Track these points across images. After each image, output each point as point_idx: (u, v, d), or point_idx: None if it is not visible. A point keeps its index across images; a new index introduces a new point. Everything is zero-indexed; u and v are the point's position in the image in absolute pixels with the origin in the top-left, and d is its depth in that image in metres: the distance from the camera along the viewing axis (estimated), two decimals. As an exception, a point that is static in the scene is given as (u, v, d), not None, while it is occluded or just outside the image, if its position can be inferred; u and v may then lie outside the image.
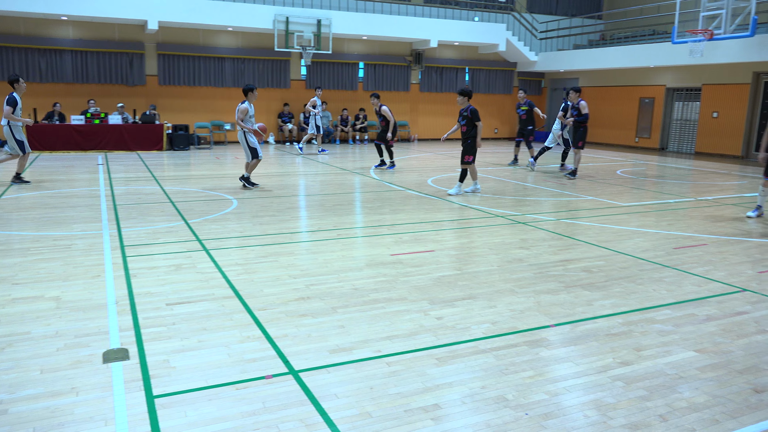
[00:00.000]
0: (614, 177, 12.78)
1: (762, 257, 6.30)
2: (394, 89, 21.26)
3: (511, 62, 23.01)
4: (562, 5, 23.77)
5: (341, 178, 11.95)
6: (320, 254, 6.10)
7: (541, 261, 5.97)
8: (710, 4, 14.00)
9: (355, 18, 18.92)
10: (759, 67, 16.54)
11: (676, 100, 19.56)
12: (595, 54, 20.31)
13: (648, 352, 3.84)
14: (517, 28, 22.60)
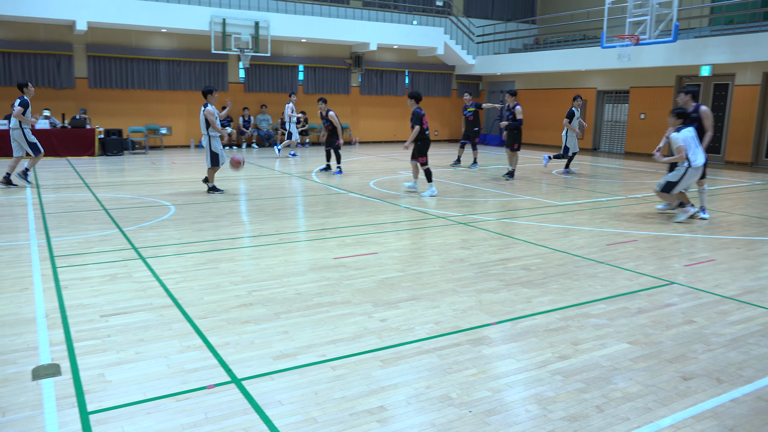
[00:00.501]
0: (550, 177, 13.18)
1: (687, 251, 6.64)
2: (334, 92, 21.22)
3: (450, 65, 23.38)
4: (497, 10, 24.36)
5: (283, 182, 11.82)
6: (262, 259, 6.02)
7: (482, 260, 6.09)
8: (636, 10, 14.65)
9: (293, 20, 18.78)
10: (681, 71, 17.43)
11: (607, 102, 20.37)
12: (529, 58, 20.91)
13: (585, 346, 3.97)
14: (455, 32, 23.00)
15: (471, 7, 23.79)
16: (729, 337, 4.15)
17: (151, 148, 18.41)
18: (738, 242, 7.10)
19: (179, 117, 19.03)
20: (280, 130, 20.09)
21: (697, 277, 5.60)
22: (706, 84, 17.18)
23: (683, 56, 16.01)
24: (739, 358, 3.81)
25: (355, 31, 19.73)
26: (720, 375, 3.58)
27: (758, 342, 4.08)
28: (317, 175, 12.80)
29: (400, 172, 13.62)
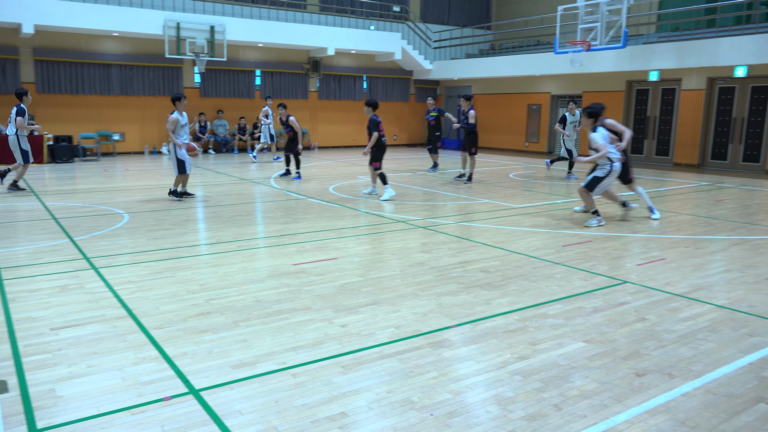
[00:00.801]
0: (507, 180, 13.39)
1: (639, 251, 6.84)
2: (292, 97, 21.08)
3: (408, 70, 23.54)
4: (453, 16, 24.65)
5: (240, 187, 11.67)
6: (220, 267, 5.92)
7: (442, 264, 6.14)
8: (587, 17, 15.06)
9: (250, 25, 18.60)
10: (631, 76, 17.98)
11: (561, 106, 20.82)
12: (485, 63, 21.23)
13: (542, 346, 4.04)
14: (412, 37, 23.17)
15: (427, 12, 24.02)
16: (679, 333, 4.29)
17: (103, 155, 17.93)
18: (687, 241, 7.35)
19: (132, 123, 18.59)
20: (237, 136, 19.85)
21: (649, 276, 5.76)
22: (654, 88, 17.77)
23: (632, 62, 16.52)
24: (689, 354, 3.94)
25: (313, 36, 19.68)
26: (671, 370, 3.69)
27: (707, 337, 4.23)
28: (276, 181, 12.69)
29: (359, 176, 13.62)
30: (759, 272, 5.94)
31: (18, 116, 10.34)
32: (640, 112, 18.27)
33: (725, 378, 3.59)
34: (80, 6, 15.90)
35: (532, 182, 13.22)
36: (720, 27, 16.42)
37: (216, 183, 12.29)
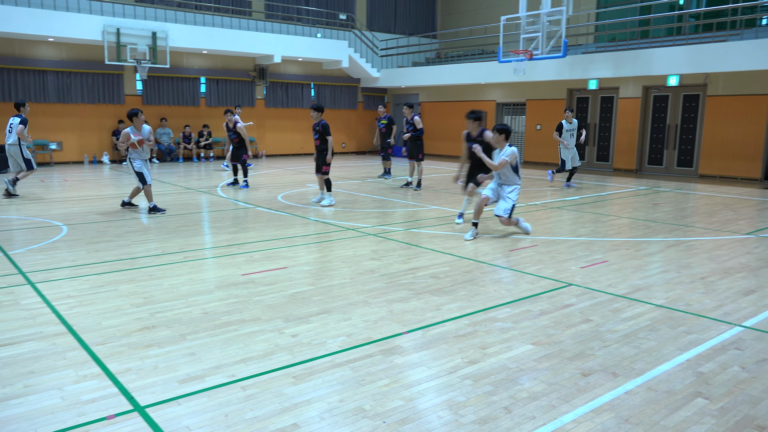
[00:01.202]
0: (456, 187, 13.54)
1: (583, 254, 7.04)
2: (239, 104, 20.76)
3: (355, 78, 23.60)
4: (399, 24, 24.90)
5: (186, 197, 11.41)
6: (165, 279, 5.77)
7: (392, 270, 6.16)
8: (529, 27, 15.47)
9: (194, 31, 18.26)
10: (571, 85, 18.57)
11: (506, 113, 21.30)
12: (431, 71, 21.51)
13: (492, 349, 4.11)
14: (359, 45, 23.26)
15: (374, 21, 24.18)
16: (622, 333, 4.44)
17: (40, 165, 17.20)
18: (627, 243, 7.62)
19: (71, 131, 17.93)
20: (182, 144, 19.42)
21: (592, 278, 5.95)
22: (593, 96, 18.40)
23: (572, 71, 17.07)
24: (632, 352, 4.08)
25: (259, 43, 19.49)
26: (615, 369, 3.81)
27: (647, 336, 4.39)
28: (223, 190, 12.47)
29: (308, 185, 13.54)
30: (694, 272, 6.22)
31: (21, 125, 10.87)
32: (581, 119, 18.87)
33: (665, 375, 3.73)
34: (13, 10, 15.25)
35: (479, 189, 13.43)
36: (653, 38, 17.18)
37: (160, 193, 11.96)
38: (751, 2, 15.61)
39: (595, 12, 19.23)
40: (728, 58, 14.05)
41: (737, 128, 15.31)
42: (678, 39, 16.12)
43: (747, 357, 4.02)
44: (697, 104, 16.22)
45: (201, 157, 19.89)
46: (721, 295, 5.43)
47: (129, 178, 14.43)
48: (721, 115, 15.55)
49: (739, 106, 15.23)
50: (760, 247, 7.47)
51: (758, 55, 13.55)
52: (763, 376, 3.72)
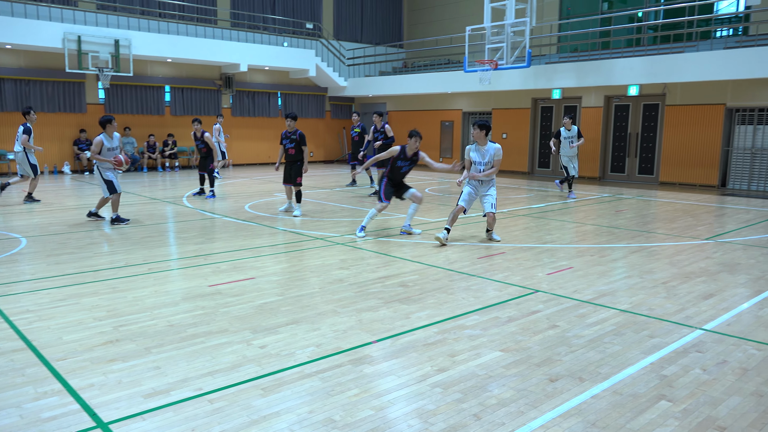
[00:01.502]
0: (423, 195, 13.63)
1: (549, 261, 7.15)
2: (204, 113, 20.55)
3: (322, 87, 23.58)
4: (366, 34, 25.01)
5: (151, 207, 11.21)
6: (129, 291, 5.64)
7: (361, 279, 6.15)
8: (493, 38, 15.71)
9: (158, 39, 18.02)
10: (536, 94, 18.91)
11: (472, 122, 21.53)
12: (398, 80, 21.64)
13: (461, 357, 4.13)
14: (326, 54, 23.27)
15: (341, 30, 24.24)
16: (588, 338, 4.51)
17: (-3, 176, 16.70)
18: (591, 250, 7.76)
19: (30, 141, 17.45)
20: (146, 154, 19.11)
21: (558, 284, 6.04)
22: (558, 106, 18.75)
23: (537, 80, 17.39)
24: (597, 357, 4.15)
25: (224, 52, 19.34)
26: (582, 374, 3.87)
27: (612, 341, 4.47)
28: (189, 200, 12.29)
29: (276, 194, 13.45)
30: (656, 277, 6.37)
31: (24, 134, 11.22)
32: (546, 128, 19.22)
33: (630, 379, 3.80)
34: (-32, 16, 14.83)
35: (447, 197, 13.55)
36: (614, 49, 17.62)
37: (124, 203, 11.71)
38: (706, 15, 16.17)
39: (558, 23, 19.64)
40: (685, 69, 14.49)
41: (695, 137, 15.78)
42: (637, 50, 16.57)
43: (708, 359, 4.13)
44: (656, 113, 16.67)
45: (166, 167, 19.58)
46: (682, 299, 5.57)
47: (91, 188, 14.11)
48: (680, 124, 16.02)
49: (696, 115, 15.72)
50: (718, 251, 7.69)
51: (713, 66, 14.02)
52: (723, 378, 3.82)
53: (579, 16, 19.67)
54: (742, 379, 3.82)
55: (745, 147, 15.27)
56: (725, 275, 6.47)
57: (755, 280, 6.29)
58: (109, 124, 9.22)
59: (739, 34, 16.53)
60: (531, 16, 15.25)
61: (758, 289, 5.91)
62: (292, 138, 10.20)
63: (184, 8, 19.70)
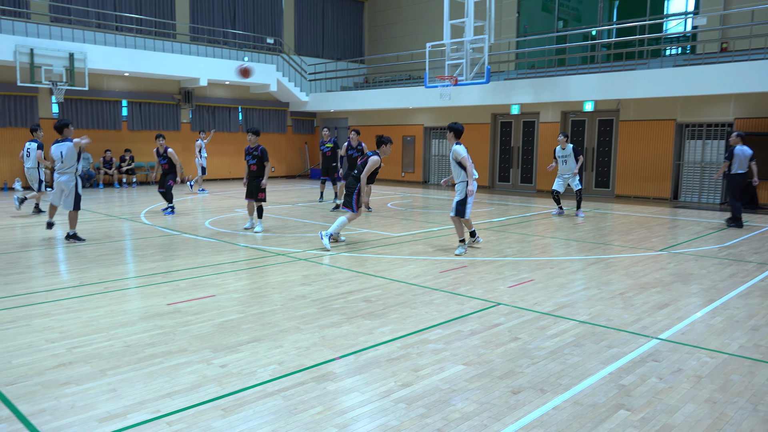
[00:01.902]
0: (386, 210, 13.68)
1: (510, 274, 7.24)
2: (163, 128, 20.23)
3: (284, 102, 23.51)
4: (327, 49, 25.10)
5: (107, 225, 10.93)
6: (84, 312, 5.47)
7: (324, 295, 6.11)
8: (453, 54, 15.95)
9: (114, 53, 17.69)
10: (495, 110, 19.25)
11: (433, 137, 21.77)
12: (360, 95, 21.75)
13: (425, 371, 4.13)
14: (287, 69, 23.24)
15: (302, 45, 24.26)
16: (549, 350, 4.57)
17: (-57, 193, 16.05)
18: (551, 262, 7.90)
19: (-22, 156, 16.86)
20: (102, 170, 18.65)
21: (519, 297, 6.11)
22: (516, 121, 19.12)
23: (496, 96, 17.71)
24: (558, 368, 4.21)
25: (184, 66, 19.11)
26: (543, 385, 3.91)
27: (572, 352, 4.54)
28: (146, 216, 12.03)
29: (237, 210, 13.29)
30: (613, 288, 6.51)
31: (39, 150, 11.84)
32: (505, 142, 19.56)
33: (590, 389, 3.86)
34: None
35: (410, 211, 13.62)
36: (569, 66, 18.10)
37: (79, 220, 11.39)
38: (656, 35, 16.79)
39: (515, 41, 20.08)
40: (637, 86, 14.99)
41: (648, 151, 16.29)
42: (592, 67, 17.06)
43: (664, 368, 4.23)
44: (611, 128, 17.16)
45: (123, 183, 19.14)
46: (638, 309, 5.71)
47: (44, 205, 13.67)
48: (633, 139, 16.52)
49: (649, 130, 16.24)
50: (672, 262, 7.92)
51: (663, 83, 14.54)
52: (678, 386, 3.92)
53: (535, 33, 20.17)
54: (696, 386, 3.92)
55: (694, 161, 15.83)
56: (679, 285, 6.66)
57: (707, 289, 6.49)
58: (66, 128, 8.99)
59: (687, 52, 17.21)
60: (489, 33, 15.56)
61: (710, 299, 6.11)
62: (254, 154, 10.06)
63: (141, 22, 19.43)
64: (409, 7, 24.37)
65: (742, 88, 13.45)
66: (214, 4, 21.46)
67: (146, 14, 19.59)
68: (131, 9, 19.30)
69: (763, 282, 6.84)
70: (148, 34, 19.55)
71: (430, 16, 23.12)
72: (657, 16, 17.95)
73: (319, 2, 24.71)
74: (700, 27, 16.01)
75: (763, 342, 4.80)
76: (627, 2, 22.06)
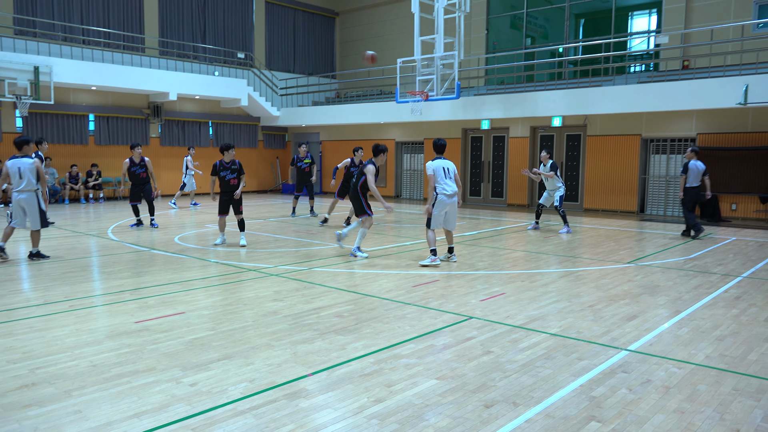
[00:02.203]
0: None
1: (482, 287, 7.28)
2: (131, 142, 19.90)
3: (255, 116, 23.41)
4: (299, 64, 25.13)
5: (73, 241, 10.68)
6: (48, 331, 5.32)
7: (296, 311, 6.05)
8: (424, 70, 16.12)
9: (81, 67, 17.43)
10: (466, 125, 19.47)
11: (405, 152, 21.89)
12: (332, 110, 21.79)
13: (398, 387, 4.11)
14: (258, 83, 23.18)
15: (273, 60, 24.25)
16: (521, 363, 4.60)
17: None
18: (522, 276, 7.97)
19: (-62, 172, 16.35)
20: (68, 185, 18.28)
21: (491, 311, 6.15)
22: (486, 136, 19.36)
23: (466, 111, 17.92)
24: (530, 381, 4.23)
25: (153, 80, 18.92)
26: (516, 399, 3.93)
27: (544, 364, 4.58)
28: (114, 232, 11.80)
29: (207, 225, 13.13)
30: (583, 300, 6.60)
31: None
32: (476, 157, 19.77)
33: (561, 401, 3.90)
34: None
35: (382, 225, 13.62)
36: (538, 82, 18.44)
37: (43, 237, 11.11)
38: (621, 52, 17.23)
39: (485, 57, 20.39)
40: (603, 102, 15.33)
41: (614, 165, 16.64)
42: (559, 83, 17.41)
43: (633, 379, 4.29)
44: (579, 143, 17.49)
45: (90, 198, 18.77)
46: (608, 321, 5.79)
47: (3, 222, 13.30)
48: (600, 154, 16.86)
49: (615, 145, 16.60)
50: (639, 275, 8.07)
51: (628, 99, 14.90)
52: (647, 397, 3.98)
53: (504, 50, 20.52)
54: (665, 397, 3.99)
55: (660, 175, 16.22)
56: (646, 297, 6.78)
57: (673, 301, 6.63)
58: (26, 145, 8.76)
59: (651, 69, 17.69)
60: (459, 50, 15.78)
61: (676, 310, 6.23)
62: (233, 168, 10.15)
63: (109, 35, 19.20)
64: (380, 23, 24.59)
65: (702, 104, 13.86)
66: (184, 18, 21.35)
67: (114, 27, 19.38)
68: (99, 22, 19.08)
69: (726, 293, 7.01)
70: (117, 47, 19.33)
71: (400, 32, 23.36)
72: (621, 34, 18.44)
73: (290, 17, 24.77)
74: (663, 45, 16.50)
75: (728, 352, 4.91)
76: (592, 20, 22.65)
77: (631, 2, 20.72)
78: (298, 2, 24.92)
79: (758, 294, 6.95)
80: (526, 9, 20.20)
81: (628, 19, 22.48)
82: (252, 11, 23.42)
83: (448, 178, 8.69)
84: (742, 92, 13.00)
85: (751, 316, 5.98)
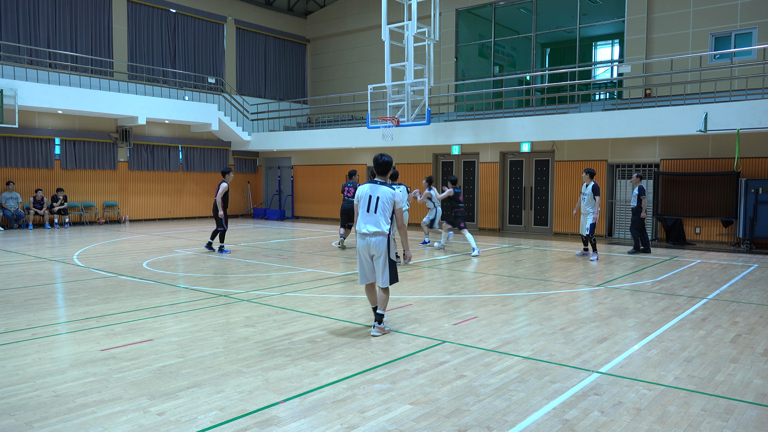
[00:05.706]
0: (329, 249, 13.61)
1: (455, 311, 7.29)
2: (98, 167, 19.61)
3: (226, 141, 23.29)
4: (270, 89, 25.18)
5: (36, 267, 10.39)
6: (9, 360, 5.14)
7: (267, 337, 5.97)
8: (395, 96, 16.28)
9: (47, 90, 17.15)
10: (437, 150, 19.67)
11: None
12: (303, 135, 21.81)
13: (371, 413, 4.07)
14: (229, 108, 23.12)
15: (243, 85, 24.25)
16: (494, 387, 4.60)
17: None
18: (494, 299, 8.01)
19: None
20: (32, 210, 17.83)
21: (464, 334, 6.15)
22: (457, 161, 19.58)
23: (437, 137, 18.13)
24: (504, 405, 4.23)
25: (121, 105, 18.71)
26: (489, 423, 3.92)
27: (517, 388, 4.59)
28: (80, 258, 11.52)
29: (176, 250, 12.92)
30: (555, 323, 6.66)
31: None
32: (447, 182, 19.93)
33: (534, 425, 3.90)
34: None
35: (353, 250, 13.58)
36: (506, 109, 18.78)
37: (5, 263, 10.79)
38: (586, 81, 17.70)
39: (454, 84, 20.72)
40: (570, 128, 15.68)
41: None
42: (527, 110, 17.76)
43: (605, 401, 4.32)
44: (547, 168, 17.81)
45: (55, 223, 18.33)
46: (579, 344, 5.85)
47: (-34, 248, 12.89)
48: (568, 178, 17.18)
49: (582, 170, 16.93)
50: (608, 297, 8.19)
51: (593, 126, 15.28)
52: (619, 419, 4.01)
53: (473, 77, 20.90)
54: (636, 419, 4.02)
55: (626, 199, 16.58)
56: (616, 319, 6.87)
57: (642, 323, 6.73)
58: None
59: (615, 97, 18.21)
60: (429, 76, 16.01)
61: (645, 332, 6.32)
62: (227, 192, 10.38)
63: (77, 59, 18.99)
64: (351, 50, 24.85)
65: (665, 131, 14.29)
66: (154, 42, 21.26)
67: (83, 51, 19.18)
68: (66, 46, 18.87)
69: (693, 315, 7.15)
70: (84, 71, 19.11)
71: (371, 58, 23.63)
72: (586, 64, 18.99)
73: (260, 43, 24.87)
74: (625, 74, 17.01)
75: (696, 373, 4.99)
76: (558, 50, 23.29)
77: (595, 33, 21.38)
78: (270, 29, 25.06)
79: (723, 315, 7.11)
80: (493, 38, 20.67)
81: (593, 49, 23.19)
82: (223, 37, 23.46)
83: (370, 210, 6.21)
84: (702, 120, 13.46)
85: (717, 338, 6.11)
